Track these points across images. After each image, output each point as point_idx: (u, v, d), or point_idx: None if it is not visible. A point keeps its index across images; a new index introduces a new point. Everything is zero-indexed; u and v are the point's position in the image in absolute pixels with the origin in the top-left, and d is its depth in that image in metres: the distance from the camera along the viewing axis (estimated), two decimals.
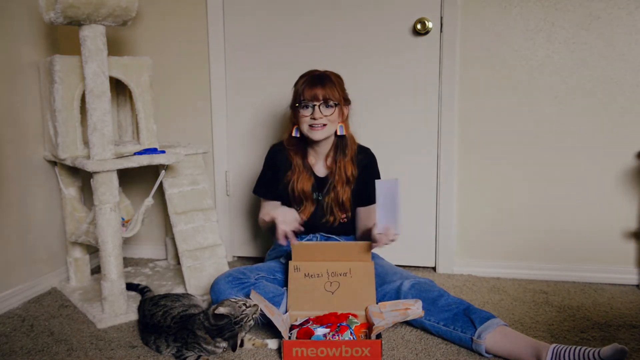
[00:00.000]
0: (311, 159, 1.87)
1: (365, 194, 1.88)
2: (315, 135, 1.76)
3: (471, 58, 2.13)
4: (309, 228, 1.86)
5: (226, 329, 1.45)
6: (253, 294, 1.56)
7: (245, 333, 1.54)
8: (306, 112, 1.75)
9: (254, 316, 1.47)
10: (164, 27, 2.37)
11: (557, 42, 2.05)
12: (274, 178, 1.88)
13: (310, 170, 1.85)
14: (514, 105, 2.12)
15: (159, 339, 1.53)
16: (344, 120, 1.82)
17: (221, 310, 1.44)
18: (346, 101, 1.82)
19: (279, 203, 1.90)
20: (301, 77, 1.81)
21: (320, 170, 1.87)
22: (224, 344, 1.48)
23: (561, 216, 2.13)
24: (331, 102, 1.74)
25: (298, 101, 1.76)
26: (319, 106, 1.73)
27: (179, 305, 1.60)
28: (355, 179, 1.84)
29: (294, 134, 1.82)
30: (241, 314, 1.45)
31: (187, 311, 1.57)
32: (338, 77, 1.82)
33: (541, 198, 2.14)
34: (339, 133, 1.80)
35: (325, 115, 1.74)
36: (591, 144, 2.07)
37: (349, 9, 2.20)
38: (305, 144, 1.85)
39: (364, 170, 1.86)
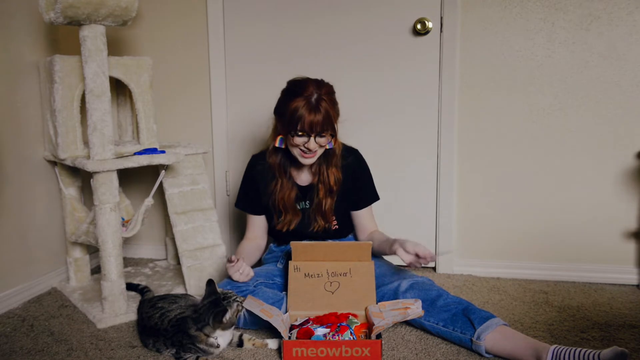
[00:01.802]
0: (293, 170, 1.83)
1: (357, 197, 1.86)
2: (306, 161, 1.71)
3: (471, 58, 2.13)
4: (297, 237, 1.82)
5: (212, 307, 1.46)
6: (250, 299, 1.56)
7: (236, 325, 1.53)
8: (299, 140, 1.66)
9: (239, 306, 1.49)
10: (164, 27, 2.37)
11: (557, 42, 2.05)
12: (253, 192, 1.84)
13: (292, 180, 1.82)
14: (514, 105, 2.12)
15: (158, 341, 1.53)
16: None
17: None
18: (338, 117, 1.72)
19: (263, 218, 1.88)
20: (293, 95, 1.65)
21: (305, 179, 1.84)
22: (216, 340, 1.47)
23: (561, 216, 2.13)
24: (326, 133, 1.66)
25: (293, 128, 1.64)
26: (314, 136, 1.65)
27: (175, 308, 1.59)
28: (341, 185, 1.80)
29: (277, 145, 1.73)
30: (227, 294, 1.50)
31: (183, 313, 1.57)
32: (332, 95, 1.69)
33: (541, 198, 2.14)
34: (327, 147, 1.74)
35: (320, 145, 1.68)
36: (591, 144, 2.07)
37: (349, 9, 2.20)
38: (289, 154, 1.78)
39: (354, 173, 1.83)
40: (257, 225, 1.90)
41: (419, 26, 2.12)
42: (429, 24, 2.11)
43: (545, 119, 2.10)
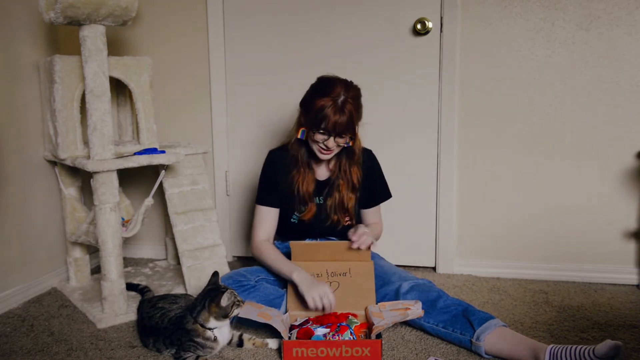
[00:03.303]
0: (313, 163, 1.83)
1: (370, 196, 1.88)
2: (324, 157, 1.73)
3: (471, 58, 2.13)
4: (310, 232, 1.84)
5: (209, 293, 1.49)
6: (247, 304, 1.56)
7: (235, 310, 1.51)
8: (320, 137, 1.68)
9: (236, 299, 1.49)
10: (164, 27, 2.37)
11: (557, 42, 2.05)
12: (273, 184, 1.84)
13: (313, 172, 1.82)
14: (514, 105, 2.12)
15: (158, 341, 1.53)
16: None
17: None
18: (360, 120, 1.74)
19: (277, 212, 1.86)
20: (321, 94, 1.66)
21: (322, 173, 1.85)
22: (213, 333, 1.47)
23: (561, 216, 2.13)
24: (346, 135, 1.69)
25: (316, 125, 1.66)
26: (335, 136, 1.67)
27: (176, 308, 1.60)
28: (362, 182, 1.82)
29: (299, 137, 1.75)
30: (227, 288, 1.52)
31: (181, 313, 1.57)
32: (357, 98, 1.71)
33: (541, 198, 2.14)
34: (345, 146, 1.74)
35: (338, 145, 1.71)
36: (591, 144, 2.07)
37: (349, 10, 2.20)
38: (309, 146, 1.80)
39: (368, 171, 1.84)
40: (271, 218, 1.85)
41: (419, 26, 2.12)
42: (429, 24, 2.11)
43: (545, 119, 2.10)
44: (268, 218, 1.85)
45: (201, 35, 2.34)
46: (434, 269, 2.29)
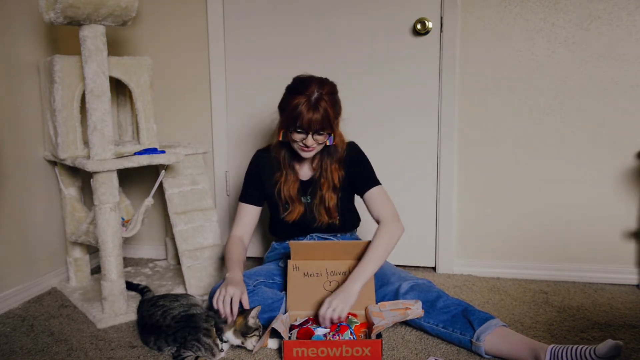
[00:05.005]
0: (296, 164, 1.84)
1: (361, 183, 1.82)
2: (305, 155, 1.74)
3: (471, 58, 2.13)
4: (302, 230, 1.85)
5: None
6: None
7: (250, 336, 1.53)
8: (298, 137, 1.69)
9: (260, 331, 1.53)
10: (164, 27, 2.37)
11: (557, 42, 2.05)
12: (257, 182, 1.85)
13: (295, 174, 1.83)
14: (514, 105, 2.12)
15: (159, 339, 1.53)
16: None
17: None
18: (338, 116, 1.74)
19: (258, 211, 1.87)
20: (296, 93, 1.67)
21: (306, 173, 1.84)
22: (222, 344, 1.49)
23: (561, 216, 2.13)
24: (324, 131, 1.69)
25: (292, 124, 1.67)
26: (312, 134, 1.67)
27: (177, 306, 1.60)
28: (343, 180, 1.81)
29: (281, 139, 1.75)
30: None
31: (188, 311, 1.57)
32: (333, 94, 1.70)
33: (541, 198, 2.14)
34: (328, 144, 1.75)
35: (318, 143, 1.70)
36: (591, 144, 2.07)
37: (349, 10, 2.20)
38: (292, 147, 1.79)
39: (353, 164, 1.82)
40: (250, 216, 1.86)
41: (419, 26, 2.12)
42: (429, 24, 2.11)
43: (545, 119, 2.10)
44: (246, 215, 1.86)
45: (201, 35, 2.34)
46: (434, 269, 2.29)
